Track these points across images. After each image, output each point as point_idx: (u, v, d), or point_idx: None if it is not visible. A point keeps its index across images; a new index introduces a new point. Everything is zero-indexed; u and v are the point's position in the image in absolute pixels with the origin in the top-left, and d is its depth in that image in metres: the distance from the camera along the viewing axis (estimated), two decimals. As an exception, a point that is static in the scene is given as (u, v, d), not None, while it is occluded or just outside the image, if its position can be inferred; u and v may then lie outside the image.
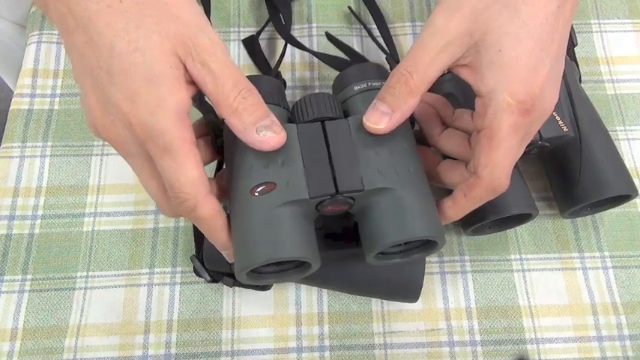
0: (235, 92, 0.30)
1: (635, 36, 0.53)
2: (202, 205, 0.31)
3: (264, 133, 0.31)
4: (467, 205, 0.34)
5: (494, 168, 0.31)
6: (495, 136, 0.31)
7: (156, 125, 0.29)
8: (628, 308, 0.43)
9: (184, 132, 0.29)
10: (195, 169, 0.30)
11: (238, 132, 0.31)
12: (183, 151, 0.29)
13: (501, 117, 0.30)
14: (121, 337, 0.42)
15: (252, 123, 0.31)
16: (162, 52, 0.29)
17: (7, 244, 0.45)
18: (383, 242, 0.33)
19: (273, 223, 0.32)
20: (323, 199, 0.33)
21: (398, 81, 0.32)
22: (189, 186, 0.30)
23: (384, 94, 0.33)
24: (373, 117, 0.33)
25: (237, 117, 0.31)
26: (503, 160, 0.31)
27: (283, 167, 0.33)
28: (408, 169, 0.34)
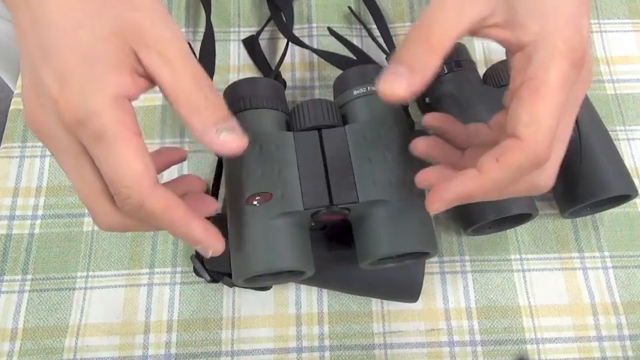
0: (196, 88, 0.27)
1: (635, 36, 0.53)
2: (150, 198, 0.26)
3: (225, 135, 0.27)
4: (497, 175, 0.27)
5: (539, 126, 0.26)
6: (543, 86, 0.26)
7: (87, 106, 0.25)
8: (628, 308, 0.43)
9: (123, 116, 0.26)
10: (138, 158, 0.26)
11: (197, 132, 0.27)
12: (121, 137, 0.26)
13: (551, 64, 0.26)
14: (121, 337, 0.42)
15: (213, 122, 0.27)
16: (112, 33, 0.26)
17: (7, 244, 0.45)
18: (375, 254, 0.34)
19: (268, 235, 0.33)
20: (318, 209, 0.33)
21: (417, 37, 0.27)
22: (131, 178, 0.26)
23: (401, 53, 0.28)
24: (389, 82, 0.27)
25: (197, 114, 0.27)
26: (550, 117, 0.26)
27: (279, 176, 0.34)
28: (403, 180, 0.34)
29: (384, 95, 0.27)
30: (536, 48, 0.27)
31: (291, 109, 0.39)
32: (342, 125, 0.37)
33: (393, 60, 0.28)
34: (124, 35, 0.26)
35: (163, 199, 0.27)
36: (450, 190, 0.28)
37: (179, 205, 0.27)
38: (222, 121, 0.27)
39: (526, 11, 0.27)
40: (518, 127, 0.26)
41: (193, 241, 0.28)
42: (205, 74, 0.28)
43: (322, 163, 0.35)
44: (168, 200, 0.27)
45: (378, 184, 0.34)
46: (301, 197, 0.33)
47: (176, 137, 0.48)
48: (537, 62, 0.26)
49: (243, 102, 0.38)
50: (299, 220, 0.34)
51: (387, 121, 0.37)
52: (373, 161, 0.35)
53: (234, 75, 0.51)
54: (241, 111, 0.37)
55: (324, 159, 0.35)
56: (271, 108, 0.38)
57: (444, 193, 0.28)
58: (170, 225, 0.28)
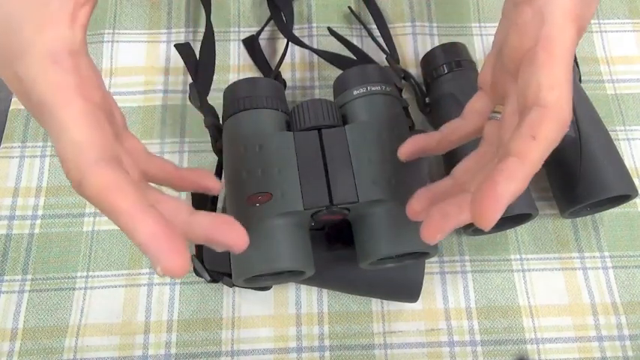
0: None
1: (635, 36, 0.53)
2: (88, 174, 0.21)
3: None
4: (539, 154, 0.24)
5: (562, 89, 0.24)
6: (558, 46, 0.25)
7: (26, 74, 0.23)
8: (628, 308, 0.43)
9: (63, 76, 0.23)
10: (79, 126, 0.22)
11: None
12: (60, 103, 0.22)
13: (564, 25, 0.25)
14: (121, 337, 0.42)
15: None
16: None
17: (7, 244, 0.45)
18: (376, 254, 0.34)
19: (268, 235, 0.33)
20: (318, 209, 0.33)
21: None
22: (70, 151, 0.22)
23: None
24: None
25: None
26: (568, 80, 0.25)
27: (279, 176, 0.34)
28: (403, 180, 0.34)
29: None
30: (547, 5, 0.25)
31: (291, 109, 0.39)
32: (342, 125, 0.37)
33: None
34: None
35: (106, 177, 0.22)
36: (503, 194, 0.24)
37: (128, 190, 0.22)
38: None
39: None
40: (543, 94, 0.24)
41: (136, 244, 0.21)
42: None
43: (322, 163, 0.35)
44: (112, 180, 0.22)
45: (378, 184, 0.34)
46: (301, 197, 0.33)
47: (176, 137, 0.48)
48: (550, 23, 0.25)
49: (243, 102, 0.38)
50: (299, 220, 0.34)
51: (387, 121, 0.37)
52: (373, 161, 0.35)
53: (234, 75, 0.51)
54: (241, 111, 0.37)
55: (324, 159, 0.35)
56: (271, 108, 0.38)
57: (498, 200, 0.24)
58: (109, 213, 0.22)
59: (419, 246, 0.34)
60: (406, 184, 0.34)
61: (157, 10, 0.54)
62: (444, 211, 0.27)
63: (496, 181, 0.23)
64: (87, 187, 0.21)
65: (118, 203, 0.21)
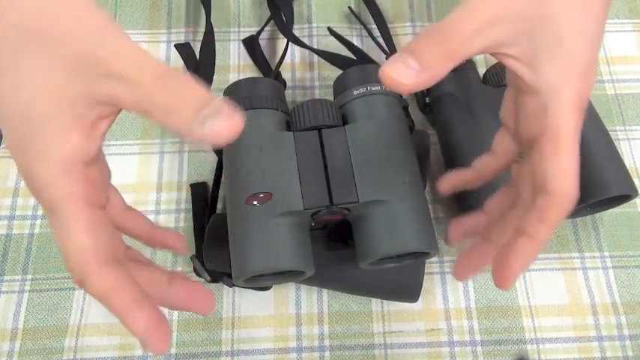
0: (159, 87, 0.24)
1: (635, 36, 0.53)
2: (92, 278, 0.25)
3: (212, 124, 0.23)
4: (546, 234, 0.28)
5: (567, 176, 0.27)
6: (563, 138, 0.27)
7: (38, 179, 0.24)
8: (628, 308, 0.43)
9: (74, 187, 0.24)
10: (85, 234, 0.24)
11: (183, 132, 0.24)
12: (69, 211, 0.24)
13: (568, 116, 0.27)
14: (121, 337, 0.42)
15: (192, 113, 0.23)
16: (51, 87, 0.24)
17: (7, 244, 0.45)
18: (375, 254, 0.34)
19: (268, 235, 0.33)
20: (318, 209, 0.33)
21: (437, 39, 0.26)
22: (74, 255, 0.24)
23: (416, 47, 0.26)
24: (398, 68, 0.26)
25: (173, 114, 0.24)
26: (574, 165, 0.27)
27: (279, 176, 0.34)
28: (403, 180, 0.34)
29: (386, 78, 0.26)
30: (552, 100, 0.27)
31: (291, 109, 0.39)
32: (342, 125, 0.37)
33: (404, 49, 0.26)
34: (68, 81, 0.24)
35: (107, 282, 0.25)
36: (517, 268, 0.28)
37: (124, 292, 0.25)
38: (202, 108, 0.23)
39: (547, 54, 0.27)
40: (549, 183, 0.27)
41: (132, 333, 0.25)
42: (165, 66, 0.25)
43: (322, 163, 0.35)
44: (112, 284, 0.25)
45: (378, 184, 0.34)
46: (301, 197, 0.33)
47: (176, 137, 0.48)
48: (555, 115, 0.27)
49: (243, 102, 0.38)
50: (299, 220, 0.34)
51: (387, 121, 0.37)
52: (373, 161, 0.35)
53: (234, 75, 0.51)
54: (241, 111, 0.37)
55: (324, 159, 0.35)
56: (271, 108, 0.38)
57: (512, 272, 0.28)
58: (109, 309, 0.25)
59: (419, 246, 0.34)
60: (406, 184, 0.34)
61: (157, 10, 0.54)
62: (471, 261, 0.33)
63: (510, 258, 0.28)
64: (88, 287, 0.25)
65: (117, 304, 0.25)
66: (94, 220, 0.25)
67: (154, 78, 0.24)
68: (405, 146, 0.36)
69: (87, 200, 0.25)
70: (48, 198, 0.24)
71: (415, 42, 0.26)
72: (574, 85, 0.27)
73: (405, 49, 0.26)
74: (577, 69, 0.27)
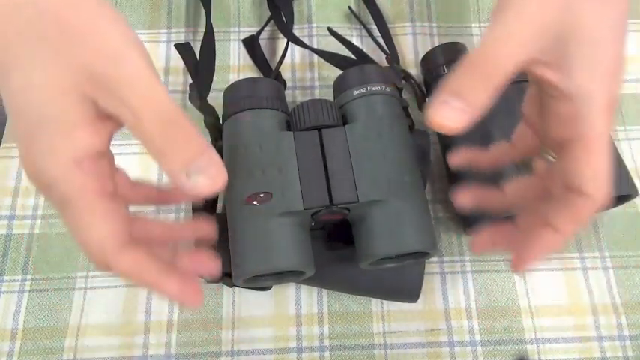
0: (159, 130, 0.25)
1: (635, 36, 0.53)
2: (116, 261, 0.26)
3: (195, 179, 0.25)
4: (574, 230, 0.29)
5: (601, 179, 0.28)
6: (596, 142, 0.27)
7: (49, 173, 0.25)
8: (628, 308, 0.43)
9: (84, 180, 0.25)
10: (102, 222, 0.26)
11: (168, 175, 0.26)
12: (83, 204, 0.25)
13: (601, 120, 0.27)
14: (121, 337, 0.42)
15: (180, 165, 0.25)
16: (61, 88, 0.25)
17: (7, 244, 0.45)
18: (375, 254, 0.34)
19: (268, 235, 0.33)
20: (318, 209, 0.33)
21: (477, 73, 0.26)
22: (95, 244, 0.26)
23: (460, 87, 0.26)
24: (443, 113, 0.26)
25: (163, 159, 0.25)
26: (607, 167, 0.28)
27: (279, 176, 0.34)
28: (402, 180, 0.34)
29: (435, 125, 0.26)
30: (585, 104, 0.27)
31: (291, 109, 0.39)
32: (342, 125, 0.37)
33: (446, 89, 0.26)
34: (78, 85, 0.25)
35: (130, 261, 0.26)
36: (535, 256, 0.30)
37: (150, 266, 0.27)
38: (190, 162, 0.25)
39: (578, 58, 0.27)
40: (584, 185, 0.27)
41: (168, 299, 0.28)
42: (172, 108, 0.26)
43: (322, 163, 0.35)
44: (136, 263, 0.26)
45: (378, 184, 0.34)
46: (301, 197, 0.33)
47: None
48: (588, 120, 0.27)
49: (243, 102, 0.38)
50: (299, 220, 0.34)
51: (387, 121, 0.37)
52: (373, 161, 0.35)
53: (234, 75, 0.51)
54: (241, 111, 0.37)
55: (324, 159, 0.35)
56: (271, 108, 0.38)
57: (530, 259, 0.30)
58: (142, 285, 0.28)
59: (419, 246, 0.34)
60: (406, 184, 0.34)
61: (157, 10, 0.54)
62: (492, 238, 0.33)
63: (532, 246, 0.30)
64: (114, 270, 0.26)
65: (146, 279, 0.27)
66: (108, 208, 0.26)
67: (156, 119, 0.25)
68: (405, 146, 0.36)
69: (98, 191, 0.26)
70: (60, 192, 0.25)
71: (456, 80, 0.26)
72: (605, 88, 0.27)
73: (447, 90, 0.26)
74: (608, 71, 0.27)
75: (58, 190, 0.25)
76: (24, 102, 0.25)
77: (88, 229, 0.26)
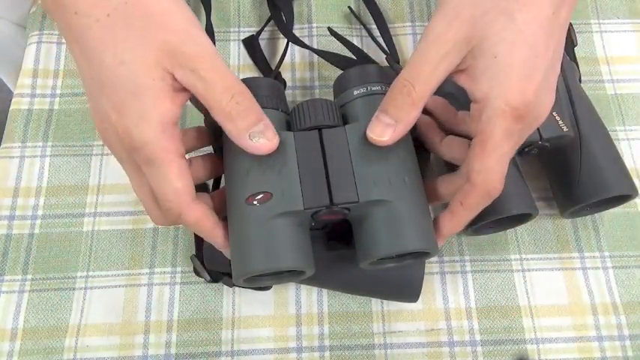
0: (227, 97, 0.30)
1: (635, 36, 0.53)
2: (186, 212, 0.31)
3: (257, 139, 0.32)
4: (465, 214, 0.34)
5: (487, 173, 0.31)
6: (489, 141, 0.31)
7: (140, 136, 0.29)
8: (628, 308, 0.43)
9: (168, 143, 0.30)
10: (179, 179, 0.30)
11: (232, 137, 0.32)
12: (166, 162, 0.30)
13: (495, 123, 0.30)
14: (121, 337, 0.42)
15: (245, 128, 0.31)
16: (146, 64, 0.29)
17: (7, 244, 0.45)
18: (375, 253, 0.34)
19: (268, 234, 0.33)
20: (318, 209, 0.33)
21: (400, 92, 0.32)
22: (172, 195, 0.30)
23: (387, 106, 0.33)
24: (377, 129, 0.33)
25: (231, 122, 0.31)
26: (496, 165, 0.31)
27: (280, 176, 0.34)
28: (403, 180, 0.34)
29: (372, 140, 0.33)
30: (484, 107, 0.31)
31: (291, 109, 0.39)
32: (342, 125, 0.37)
33: (380, 109, 0.33)
34: (160, 61, 0.29)
35: (198, 212, 0.32)
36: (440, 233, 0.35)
37: (209, 218, 0.33)
38: (253, 125, 0.31)
39: (482, 68, 0.31)
40: (472, 176, 0.32)
41: (219, 247, 0.34)
42: (236, 81, 0.31)
43: (322, 163, 0.35)
44: (201, 214, 0.32)
45: (378, 184, 0.34)
46: (301, 197, 0.33)
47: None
48: (484, 120, 0.31)
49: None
50: (299, 219, 0.34)
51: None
52: (373, 161, 0.35)
53: (234, 75, 0.51)
54: (241, 111, 0.37)
55: (324, 159, 0.35)
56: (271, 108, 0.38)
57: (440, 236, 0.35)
58: (199, 233, 0.33)
59: (419, 245, 0.34)
60: (406, 184, 0.34)
61: (157, 10, 0.54)
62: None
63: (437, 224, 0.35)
64: (185, 219, 0.31)
65: (205, 228, 0.33)
66: (183, 168, 0.31)
67: (225, 89, 0.30)
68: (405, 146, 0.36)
69: (178, 152, 0.31)
70: (148, 152, 0.30)
71: (386, 100, 0.33)
72: (503, 96, 0.30)
73: (380, 109, 0.33)
74: (510, 80, 0.30)
75: (146, 150, 0.29)
76: (116, 76, 0.29)
77: (168, 184, 0.30)
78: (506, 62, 0.30)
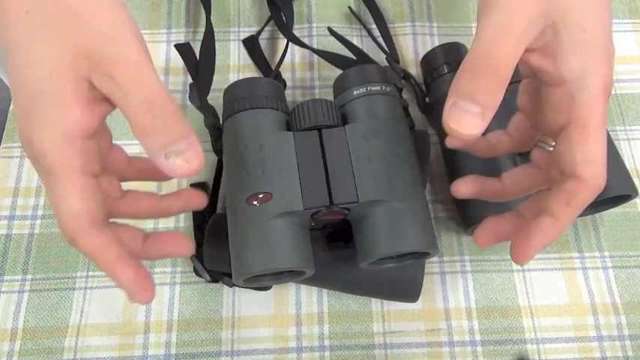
0: (143, 109, 0.26)
1: (635, 36, 0.53)
2: (80, 239, 0.27)
3: (173, 161, 0.26)
4: (572, 216, 0.29)
5: (596, 164, 0.28)
6: (591, 126, 0.27)
7: (39, 145, 0.26)
8: (628, 308, 0.43)
9: (72, 156, 0.26)
10: (78, 199, 0.27)
11: (148, 154, 0.27)
12: (65, 177, 0.27)
13: (595, 104, 0.27)
14: (121, 337, 0.42)
15: (160, 146, 0.26)
16: (59, 67, 0.26)
17: (7, 244, 0.45)
18: (375, 254, 0.34)
19: (268, 234, 0.33)
20: (318, 209, 0.33)
21: (487, 72, 0.27)
22: (67, 216, 0.27)
23: (471, 91, 0.27)
24: (466, 121, 0.26)
25: (145, 137, 0.27)
26: (603, 152, 0.28)
27: (279, 176, 0.34)
28: (403, 180, 0.34)
29: (455, 134, 0.27)
30: (579, 88, 0.27)
31: (291, 109, 0.39)
32: (342, 125, 0.37)
33: (458, 94, 0.27)
34: (74, 65, 0.26)
35: (95, 241, 0.27)
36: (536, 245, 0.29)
37: (111, 251, 0.28)
38: (170, 145, 0.26)
39: (569, 43, 0.27)
40: (578, 168, 0.27)
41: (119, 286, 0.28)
42: (160, 92, 0.27)
43: (322, 163, 0.35)
44: (100, 243, 0.27)
45: (378, 184, 0.34)
46: (301, 197, 0.33)
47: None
48: (582, 103, 0.27)
49: (243, 102, 0.38)
50: (299, 220, 0.34)
51: (387, 121, 0.37)
52: (373, 161, 0.35)
53: (234, 75, 0.51)
54: (241, 111, 0.37)
55: (324, 159, 0.35)
56: (271, 108, 0.38)
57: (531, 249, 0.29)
58: (99, 266, 0.28)
59: (419, 246, 0.34)
60: (406, 184, 0.34)
61: (157, 10, 0.54)
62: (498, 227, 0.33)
63: (532, 235, 0.29)
64: (79, 246, 0.27)
65: (104, 261, 0.27)
66: (87, 187, 0.27)
67: (142, 99, 0.26)
68: (405, 146, 0.36)
69: (82, 169, 0.27)
70: (46, 164, 0.26)
71: (465, 83, 0.27)
72: (598, 73, 0.27)
73: (461, 94, 0.27)
74: (600, 56, 0.27)
75: (45, 161, 0.26)
76: (24, 78, 0.26)
77: (64, 202, 0.27)
78: (597, 35, 0.27)
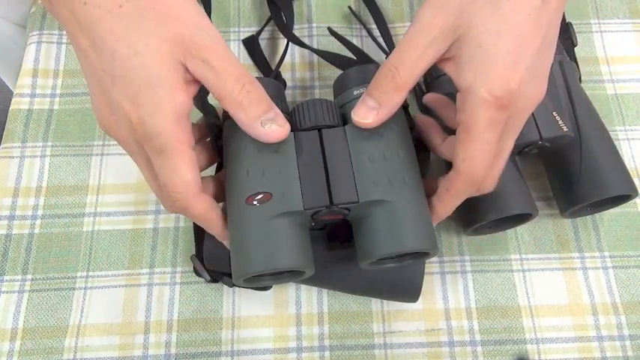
0: (239, 86, 0.31)
1: (635, 36, 0.53)
2: (193, 204, 0.32)
3: (269, 126, 0.32)
4: (451, 201, 0.34)
5: (471, 161, 0.32)
6: (472, 130, 0.31)
7: (154, 126, 0.30)
8: (628, 308, 0.43)
9: (181, 133, 0.30)
10: (189, 170, 0.31)
11: (244, 125, 0.32)
12: (177, 153, 0.30)
13: (477, 112, 0.31)
14: (121, 337, 0.42)
15: (257, 116, 0.32)
16: (161, 55, 0.29)
17: (7, 244, 0.45)
18: (375, 254, 0.34)
19: (268, 234, 0.33)
20: (318, 209, 0.33)
21: (385, 76, 0.33)
22: (181, 186, 0.31)
23: (372, 90, 0.33)
24: (361, 111, 0.34)
25: (243, 111, 0.31)
26: (481, 153, 0.32)
27: (279, 176, 0.34)
28: (403, 179, 0.34)
29: (356, 122, 0.34)
30: (467, 96, 0.31)
31: (291, 109, 0.39)
32: (342, 125, 0.37)
33: (366, 92, 0.34)
34: (173, 52, 0.30)
35: (204, 205, 0.33)
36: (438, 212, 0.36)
37: (214, 210, 0.34)
38: (265, 112, 0.32)
39: (467, 56, 0.31)
40: (456, 163, 0.32)
41: (220, 238, 0.35)
42: (246, 72, 0.32)
43: (322, 163, 0.35)
44: (206, 207, 0.33)
45: (378, 184, 0.34)
46: (301, 197, 0.33)
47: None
48: (468, 109, 0.31)
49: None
50: (299, 220, 0.34)
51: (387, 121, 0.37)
52: (373, 161, 0.35)
53: (234, 75, 0.51)
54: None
55: (324, 159, 0.35)
56: None
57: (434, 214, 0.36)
58: (203, 224, 0.34)
59: (419, 245, 0.34)
60: (406, 184, 0.34)
61: (157, 10, 0.54)
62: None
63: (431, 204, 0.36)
64: (192, 211, 0.32)
65: (210, 221, 0.34)
66: (193, 159, 0.31)
67: (236, 79, 0.31)
68: (405, 146, 0.36)
69: (189, 143, 0.31)
70: (160, 142, 0.30)
71: (372, 83, 0.34)
72: (485, 85, 0.30)
73: (367, 91, 0.34)
74: (494, 69, 0.30)
75: (159, 140, 0.30)
76: (129, 67, 0.29)
77: (177, 174, 0.31)
78: (491, 51, 0.30)
